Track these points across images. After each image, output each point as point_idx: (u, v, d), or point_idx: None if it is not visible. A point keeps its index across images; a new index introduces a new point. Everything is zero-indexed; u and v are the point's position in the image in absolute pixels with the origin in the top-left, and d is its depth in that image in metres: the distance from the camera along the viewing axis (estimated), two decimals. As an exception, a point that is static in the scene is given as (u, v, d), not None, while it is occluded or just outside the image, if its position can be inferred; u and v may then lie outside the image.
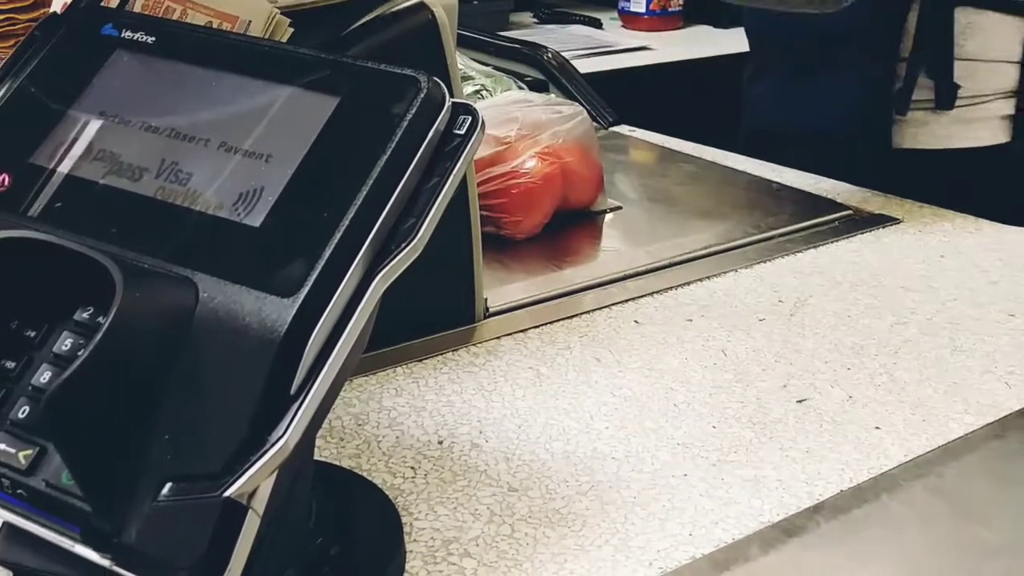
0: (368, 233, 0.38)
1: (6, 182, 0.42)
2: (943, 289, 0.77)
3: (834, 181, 0.98)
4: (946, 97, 1.01)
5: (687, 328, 0.71)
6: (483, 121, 0.41)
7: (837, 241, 0.86)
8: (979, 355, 0.67)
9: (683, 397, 0.62)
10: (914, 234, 0.87)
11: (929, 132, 1.04)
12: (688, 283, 0.78)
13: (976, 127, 1.04)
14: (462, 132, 0.41)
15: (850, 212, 0.91)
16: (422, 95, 0.40)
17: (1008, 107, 1.04)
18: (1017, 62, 1.03)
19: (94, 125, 0.43)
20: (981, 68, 1.02)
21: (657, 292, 0.76)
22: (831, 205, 0.93)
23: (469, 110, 0.41)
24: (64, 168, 0.42)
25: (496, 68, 1.18)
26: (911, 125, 1.04)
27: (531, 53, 1.27)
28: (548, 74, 1.25)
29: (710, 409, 0.61)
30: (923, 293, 0.76)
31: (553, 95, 1.18)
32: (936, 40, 1.00)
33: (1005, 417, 0.61)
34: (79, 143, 0.43)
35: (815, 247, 0.84)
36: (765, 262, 0.81)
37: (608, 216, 0.93)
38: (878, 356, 0.67)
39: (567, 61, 1.27)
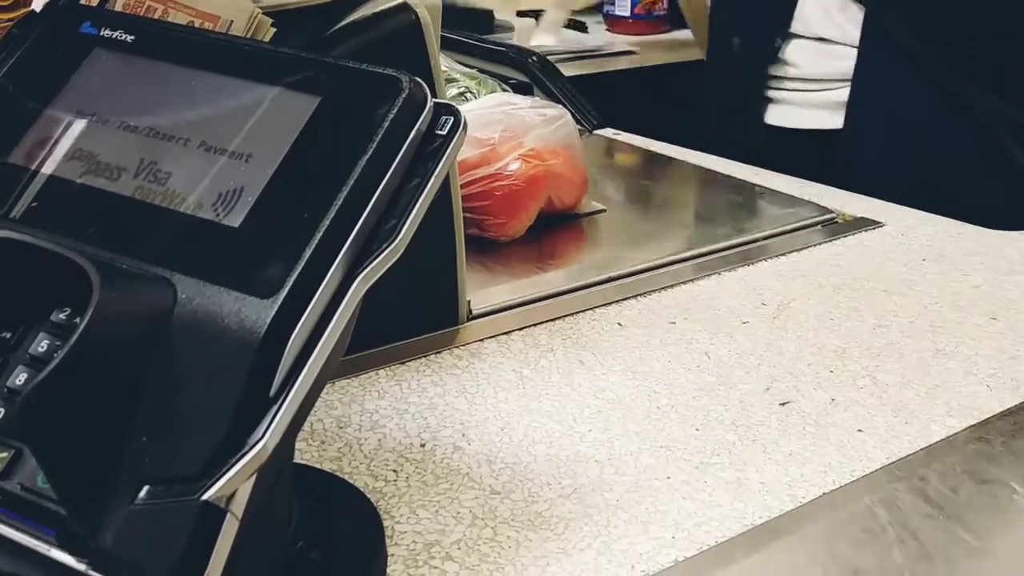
0: (349, 234, 0.38)
1: None
2: (925, 292, 0.77)
3: (818, 185, 0.99)
4: None
5: (670, 331, 0.71)
6: (465, 122, 0.41)
7: (820, 244, 0.86)
8: (961, 358, 0.67)
9: (666, 400, 0.62)
10: (896, 237, 0.87)
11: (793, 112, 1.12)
12: (671, 286, 0.78)
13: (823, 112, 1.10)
14: (444, 132, 0.40)
15: (833, 216, 0.91)
16: (404, 95, 0.40)
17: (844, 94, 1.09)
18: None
19: (72, 124, 0.43)
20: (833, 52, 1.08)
21: (640, 295, 0.76)
22: (814, 208, 0.93)
23: (451, 110, 0.41)
24: (40, 167, 0.42)
25: (480, 71, 1.18)
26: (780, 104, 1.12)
27: (516, 56, 1.27)
28: (532, 77, 1.25)
29: (693, 412, 0.61)
30: (905, 296, 0.76)
31: (537, 98, 1.18)
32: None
33: (987, 420, 0.61)
34: (57, 143, 0.42)
35: (798, 250, 0.85)
36: (748, 265, 0.82)
37: (592, 219, 0.93)
38: (860, 359, 0.67)
39: (551, 64, 1.27)
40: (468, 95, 1.06)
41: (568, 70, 1.35)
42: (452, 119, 0.41)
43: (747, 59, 1.16)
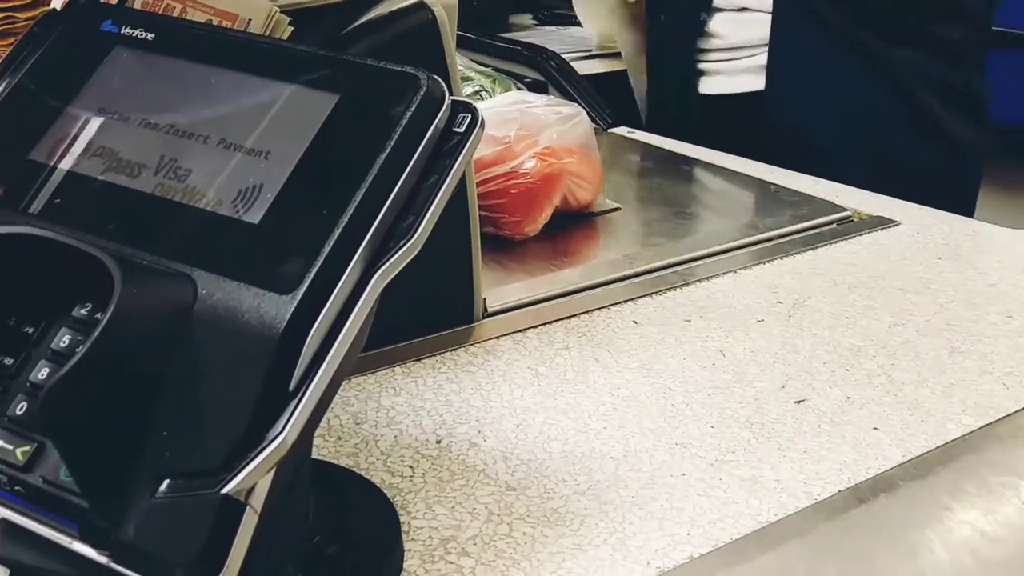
0: (367, 230, 0.38)
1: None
2: (941, 291, 0.77)
3: (833, 183, 0.99)
4: None
5: (685, 329, 0.71)
6: (483, 119, 0.41)
7: (835, 243, 0.86)
8: (977, 356, 0.67)
9: (681, 397, 0.62)
10: (912, 236, 0.87)
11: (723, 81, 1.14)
12: (687, 284, 0.78)
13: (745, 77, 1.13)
14: (461, 130, 0.41)
15: (848, 214, 0.91)
16: (422, 93, 0.40)
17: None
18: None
19: (93, 121, 0.43)
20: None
21: (655, 293, 0.76)
22: (829, 207, 0.93)
23: (469, 108, 0.41)
24: (63, 164, 0.42)
25: (495, 69, 1.18)
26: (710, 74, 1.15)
27: (530, 54, 1.27)
28: (547, 75, 1.25)
29: (708, 409, 0.61)
30: (921, 295, 0.76)
31: (552, 96, 1.18)
32: None
33: (1003, 418, 0.61)
34: (78, 139, 0.43)
35: (813, 249, 0.84)
36: (763, 263, 0.82)
37: (607, 217, 0.93)
38: (876, 357, 0.67)
39: (566, 62, 1.27)
40: (483, 93, 1.06)
41: (582, 68, 1.35)
42: (470, 116, 0.41)
43: (677, 35, 1.19)
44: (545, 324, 0.71)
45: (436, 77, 0.41)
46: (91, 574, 0.38)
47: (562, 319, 0.72)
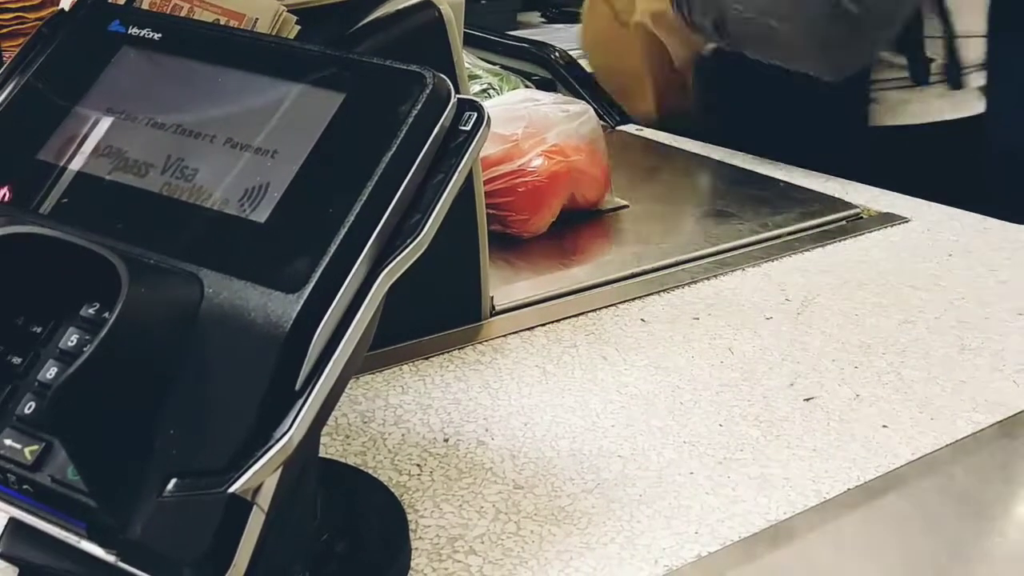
0: (373, 229, 0.38)
1: (6, 196, 0.42)
2: (951, 288, 0.76)
3: (842, 180, 0.98)
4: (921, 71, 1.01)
5: (694, 326, 0.71)
6: (489, 117, 0.41)
7: (844, 240, 0.85)
8: (987, 354, 0.67)
9: (689, 395, 0.62)
10: (922, 233, 0.87)
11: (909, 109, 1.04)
12: (695, 281, 0.77)
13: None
14: (468, 128, 0.41)
15: (858, 211, 0.91)
16: (427, 91, 0.40)
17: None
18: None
19: (101, 121, 0.43)
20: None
21: (664, 290, 0.76)
22: (838, 204, 0.92)
23: (475, 106, 0.41)
24: (70, 164, 0.42)
25: (503, 67, 1.18)
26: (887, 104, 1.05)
27: (539, 52, 1.27)
28: (556, 73, 1.25)
29: (716, 407, 0.61)
30: (931, 292, 0.76)
31: (560, 94, 1.18)
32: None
33: (1014, 415, 0.60)
34: (86, 140, 0.43)
35: (822, 246, 0.84)
36: (772, 261, 0.81)
37: (615, 215, 0.93)
38: (885, 355, 0.67)
39: (574, 60, 1.27)
40: (491, 91, 1.06)
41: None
42: (476, 115, 0.41)
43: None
44: (553, 322, 0.71)
45: (442, 75, 0.41)
46: (99, 573, 0.38)
47: (570, 317, 0.72)
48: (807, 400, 0.62)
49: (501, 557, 0.49)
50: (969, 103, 1.05)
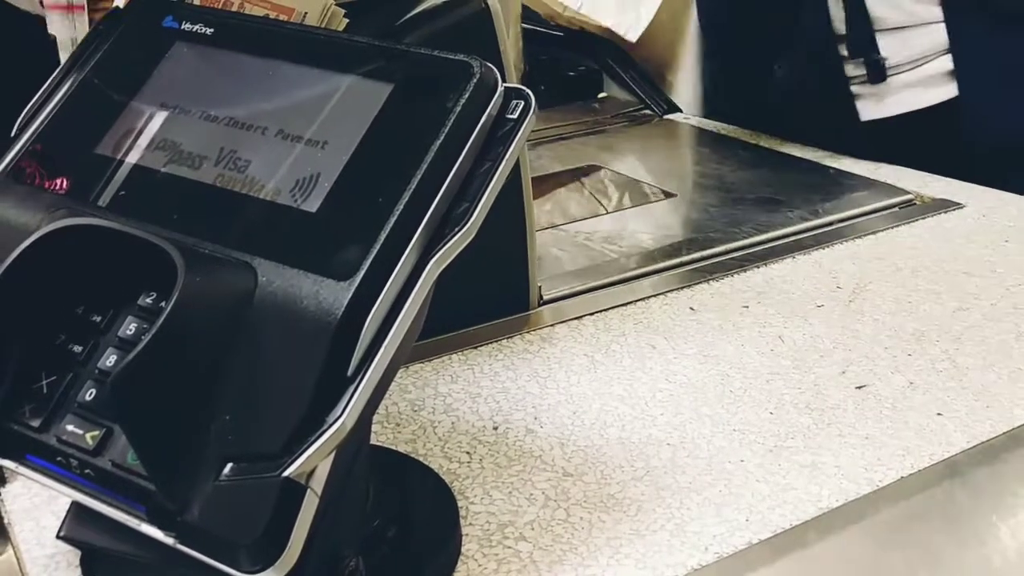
0: (422, 218, 0.39)
1: (63, 185, 0.43)
2: (1007, 274, 0.75)
3: (893, 167, 0.97)
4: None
5: (743, 315, 0.70)
6: (536, 105, 0.41)
7: (897, 227, 0.84)
8: (1045, 341, 0.66)
9: (739, 383, 0.62)
10: (977, 219, 0.85)
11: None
12: (744, 269, 0.77)
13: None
14: (515, 117, 0.41)
15: (911, 197, 0.89)
16: (475, 80, 0.40)
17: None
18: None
19: (155, 115, 0.44)
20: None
21: (712, 279, 0.76)
22: (891, 190, 0.91)
23: (522, 94, 0.41)
24: (127, 157, 0.43)
25: (550, 59, 1.17)
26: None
27: (586, 42, 1.27)
28: (602, 63, 1.24)
29: (767, 395, 0.61)
30: (986, 278, 0.74)
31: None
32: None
33: (1072, 403, 0.59)
34: (142, 133, 0.44)
35: (874, 233, 0.83)
36: (823, 248, 0.80)
37: (663, 203, 0.92)
38: (939, 342, 0.66)
39: (622, 50, 1.26)
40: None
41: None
42: (523, 103, 0.41)
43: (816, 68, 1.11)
44: (601, 311, 0.71)
45: (489, 64, 0.41)
46: (158, 555, 0.39)
47: (618, 306, 0.72)
48: (859, 388, 0.61)
49: (551, 543, 0.49)
50: (940, 88, 1.03)
